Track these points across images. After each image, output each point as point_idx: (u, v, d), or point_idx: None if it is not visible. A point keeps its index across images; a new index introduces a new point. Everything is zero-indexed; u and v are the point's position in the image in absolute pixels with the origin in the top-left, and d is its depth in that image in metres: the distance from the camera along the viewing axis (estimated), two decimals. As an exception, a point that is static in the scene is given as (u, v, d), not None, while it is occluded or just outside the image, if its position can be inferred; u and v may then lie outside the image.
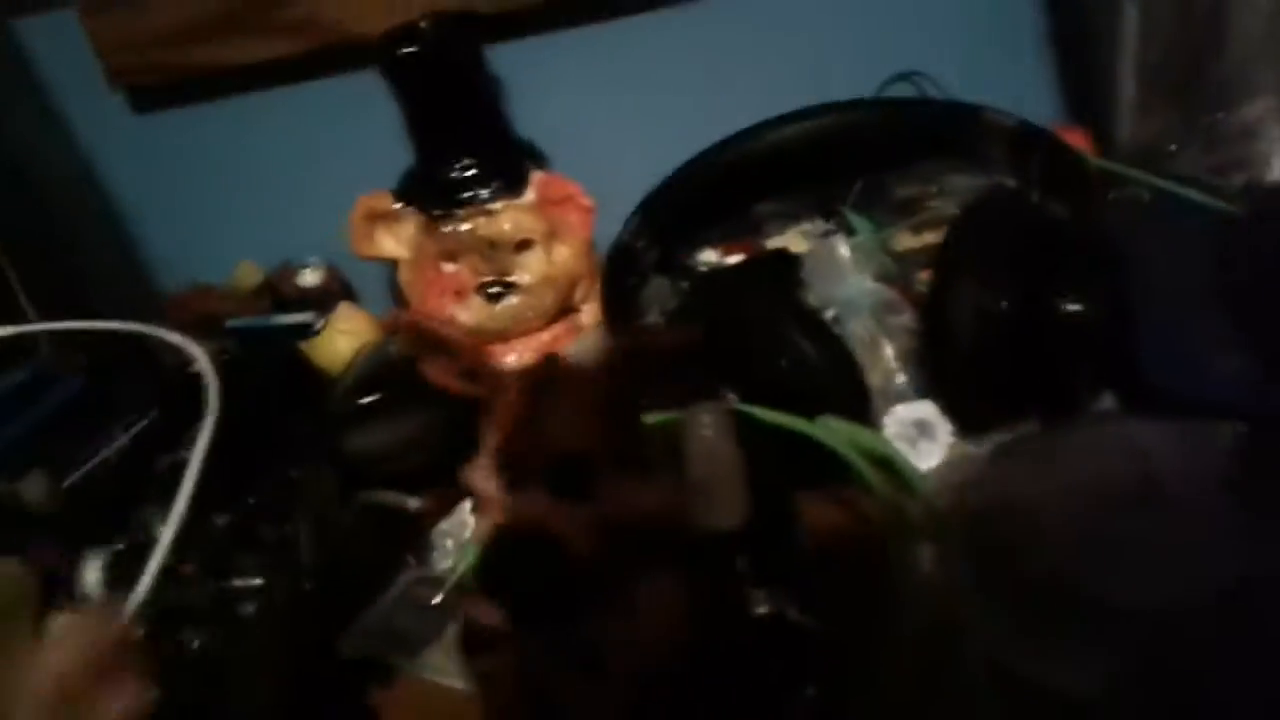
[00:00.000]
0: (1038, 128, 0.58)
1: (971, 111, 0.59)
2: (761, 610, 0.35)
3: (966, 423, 0.48)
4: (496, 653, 0.33)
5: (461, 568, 0.48)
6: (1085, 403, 0.48)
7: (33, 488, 0.57)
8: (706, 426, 0.41)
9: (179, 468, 0.40)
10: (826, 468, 0.47)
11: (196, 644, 0.37)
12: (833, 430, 0.45)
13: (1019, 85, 0.71)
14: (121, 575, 0.37)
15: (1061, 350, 0.46)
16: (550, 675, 0.31)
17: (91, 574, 0.38)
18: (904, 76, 0.72)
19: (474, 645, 0.34)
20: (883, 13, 0.74)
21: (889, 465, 0.45)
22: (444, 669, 0.45)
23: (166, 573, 0.36)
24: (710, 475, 0.39)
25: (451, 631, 0.47)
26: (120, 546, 0.38)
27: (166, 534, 0.37)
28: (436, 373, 0.54)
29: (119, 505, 0.45)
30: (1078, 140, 0.66)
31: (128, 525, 0.40)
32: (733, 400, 0.47)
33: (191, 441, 0.44)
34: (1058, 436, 0.43)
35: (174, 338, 0.50)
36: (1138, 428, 0.42)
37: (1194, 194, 0.58)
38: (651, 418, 0.46)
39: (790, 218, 0.71)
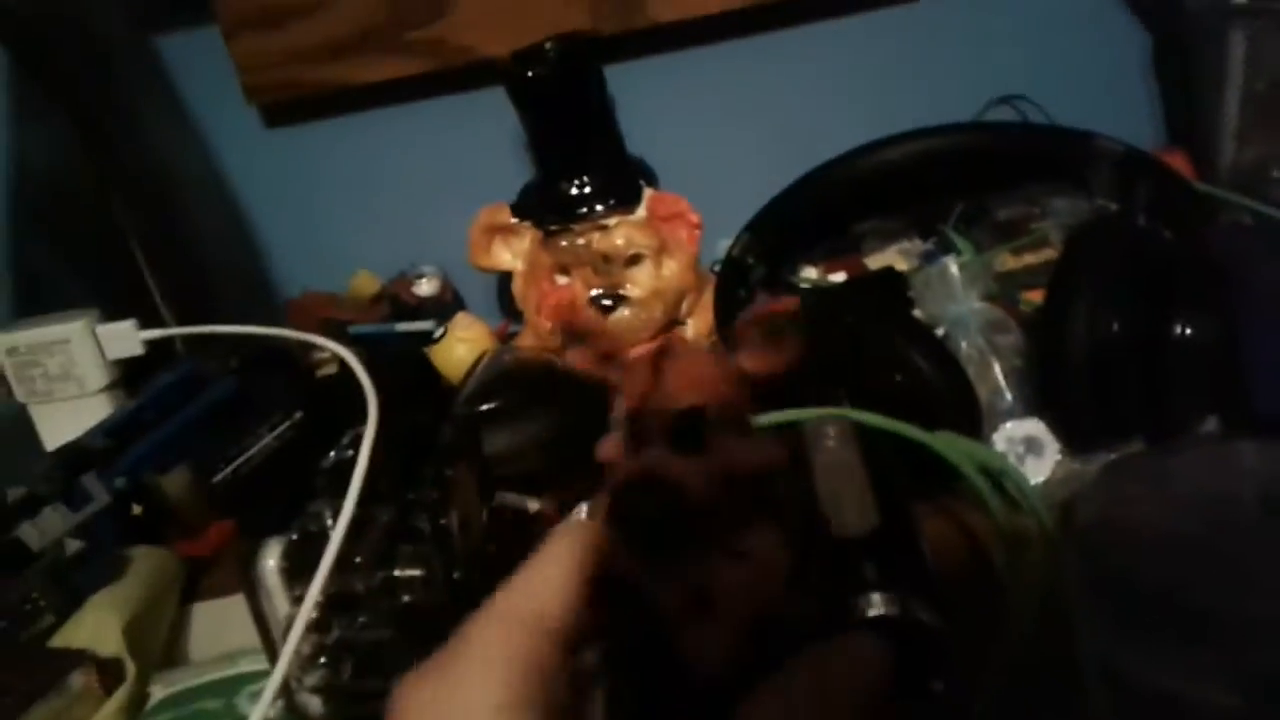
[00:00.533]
0: (1144, 153, 0.59)
1: (1080, 137, 0.60)
2: (887, 611, 0.38)
3: (1074, 441, 0.50)
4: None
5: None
6: (1192, 425, 0.49)
7: (175, 482, 0.61)
8: (831, 438, 0.43)
9: (343, 465, 0.43)
10: (939, 480, 0.49)
11: (365, 629, 0.40)
12: (949, 443, 0.47)
13: (1119, 110, 0.72)
14: (298, 563, 0.40)
15: (1171, 372, 0.48)
16: (663, 612, 0.33)
17: (270, 560, 0.42)
18: (1007, 100, 0.74)
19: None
20: (987, 38, 0.76)
21: (1002, 479, 0.47)
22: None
23: (339, 562, 0.40)
24: (837, 485, 0.42)
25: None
26: (294, 536, 0.41)
27: (340, 526, 0.40)
28: (578, 359, 0.57)
29: (275, 500, 0.48)
30: (1179, 164, 0.67)
31: (290, 519, 0.43)
32: (847, 404, 0.50)
33: (344, 440, 0.47)
34: (1169, 454, 0.44)
35: (326, 343, 0.53)
36: (1249, 447, 0.44)
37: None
38: (766, 418, 0.49)
39: (890, 237, 0.74)
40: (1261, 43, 0.63)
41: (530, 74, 0.68)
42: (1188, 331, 0.47)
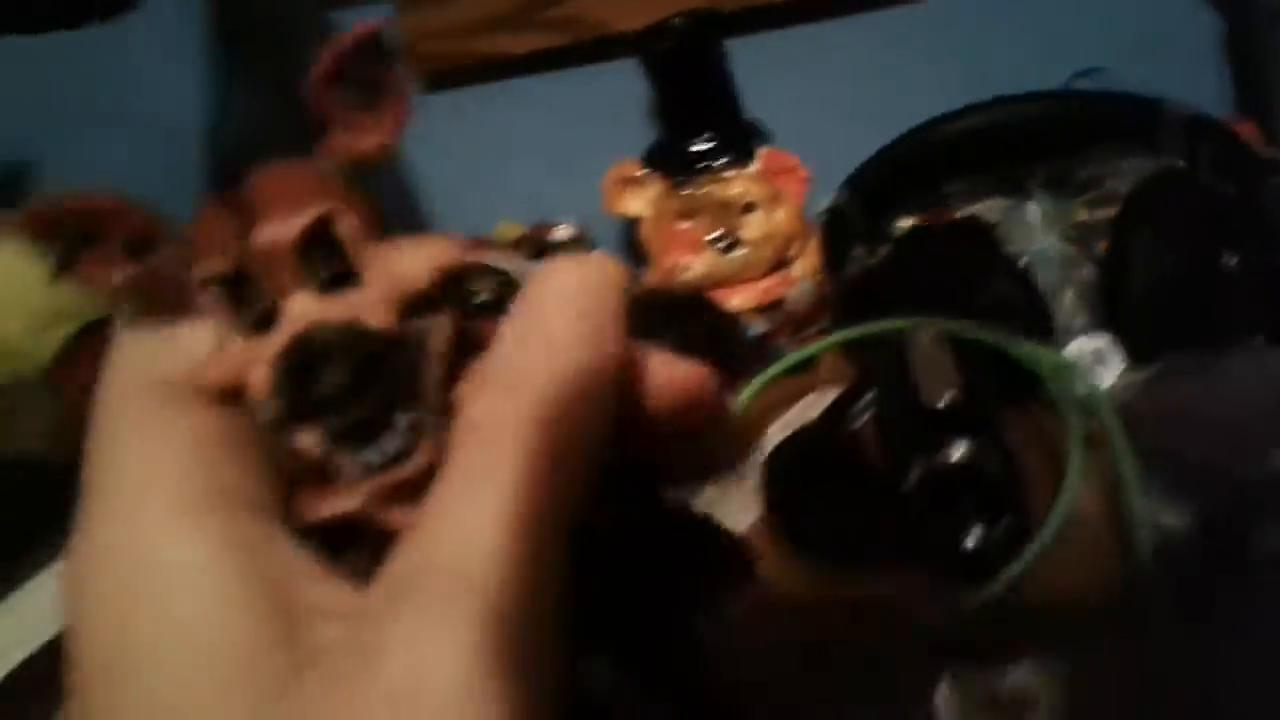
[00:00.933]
0: (1210, 117, 0.67)
1: (1150, 103, 0.69)
2: (963, 456, 0.47)
3: (1135, 354, 0.58)
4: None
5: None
6: (1239, 342, 0.57)
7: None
8: (926, 335, 0.53)
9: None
10: (1020, 389, 0.58)
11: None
12: (1027, 350, 0.56)
13: (1194, 84, 0.80)
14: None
15: (1222, 297, 0.56)
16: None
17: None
18: (1087, 72, 0.82)
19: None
20: (1069, 16, 0.84)
21: (1071, 380, 0.56)
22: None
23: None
24: (928, 368, 0.52)
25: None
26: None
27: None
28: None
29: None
30: (1248, 131, 0.74)
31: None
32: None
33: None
34: (1218, 356, 0.53)
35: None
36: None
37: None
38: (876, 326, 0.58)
39: (978, 195, 0.82)
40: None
41: (659, 47, 0.78)
42: (1235, 259, 0.55)
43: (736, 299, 0.79)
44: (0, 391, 0.67)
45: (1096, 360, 0.59)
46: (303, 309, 0.19)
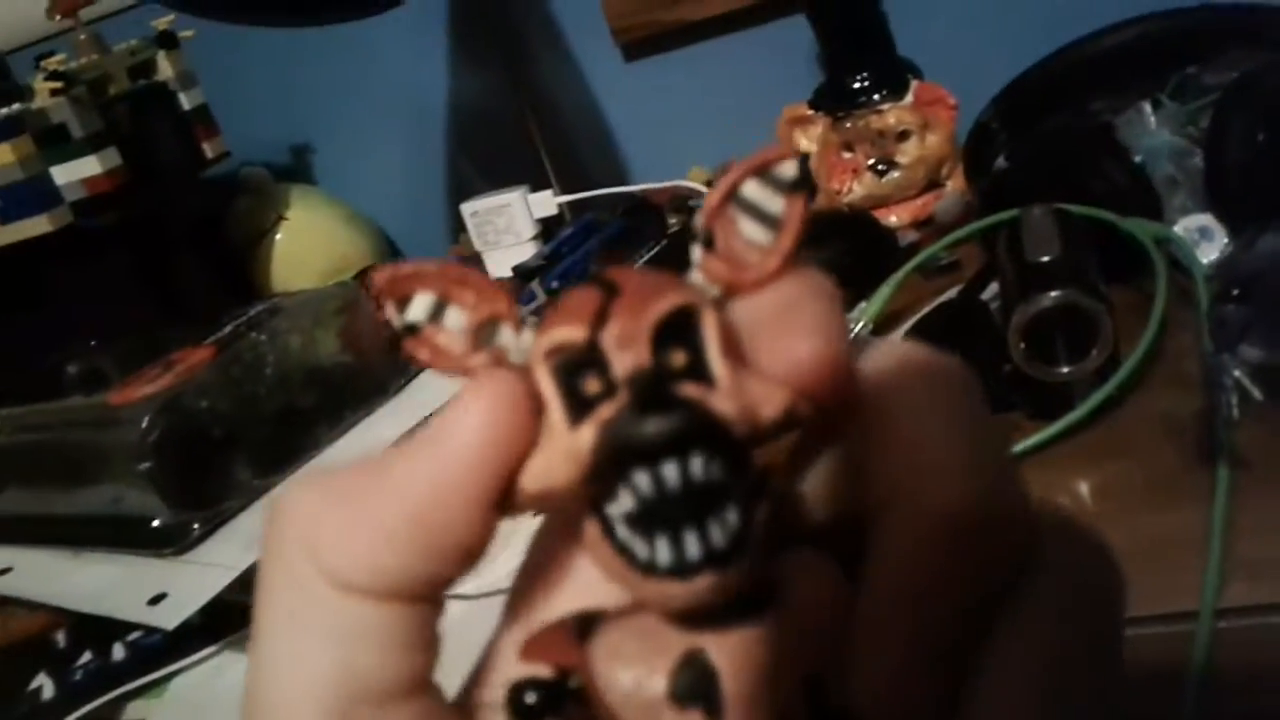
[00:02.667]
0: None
1: (1262, 11, 0.75)
2: (1060, 297, 0.57)
3: (1233, 227, 0.66)
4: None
5: (858, 329, 0.73)
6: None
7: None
8: (1037, 212, 0.64)
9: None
10: (1126, 259, 0.67)
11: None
12: (1134, 224, 0.65)
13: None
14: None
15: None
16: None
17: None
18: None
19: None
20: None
21: (1172, 247, 0.64)
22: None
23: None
24: (1036, 234, 0.62)
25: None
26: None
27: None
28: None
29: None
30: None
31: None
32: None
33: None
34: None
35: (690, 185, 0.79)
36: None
37: None
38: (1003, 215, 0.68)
39: (1120, 107, 0.90)
40: None
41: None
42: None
43: (894, 216, 0.90)
44: (308, 309, 0.87)
45: (1203, 236, 0.68)
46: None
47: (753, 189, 0.17)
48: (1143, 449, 0.54)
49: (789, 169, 0.18)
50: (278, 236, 1.11)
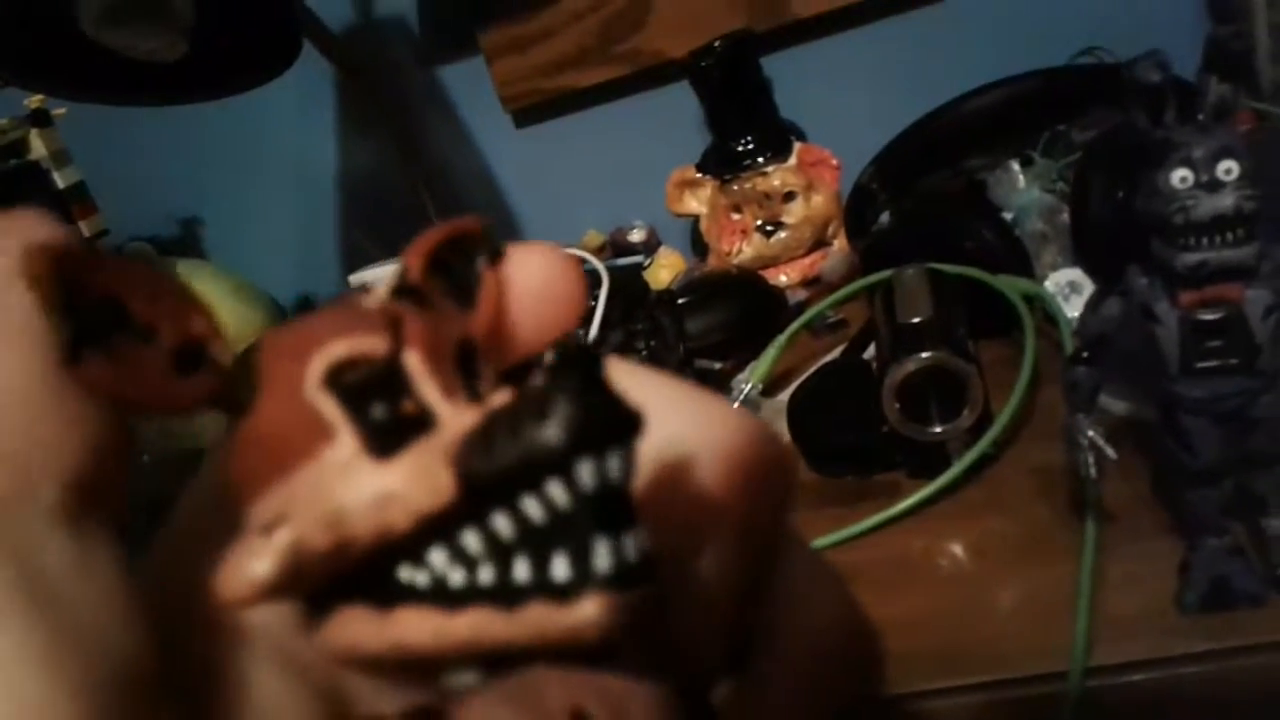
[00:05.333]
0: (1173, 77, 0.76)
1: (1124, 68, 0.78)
2: (929, 359, 0.58)
3: (1098, 279, 0.68)
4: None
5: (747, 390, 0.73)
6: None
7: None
8: (909, 273, 0.65)
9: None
10: (1004, 320, 0.68)
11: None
12: (1004, 282, 0.67)
13: (1182, 49, 0.88)
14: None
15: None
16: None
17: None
18: (1088, 50, 0.92)
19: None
20: (1071, 2, 0.94)
21: (1039, 303, 0.66)
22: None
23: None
24: (908, 296, 0.63)
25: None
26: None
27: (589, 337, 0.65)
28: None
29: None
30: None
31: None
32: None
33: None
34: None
35: (591, 260, 0.79)
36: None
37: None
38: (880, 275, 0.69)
39: (994, 165, 0.92)
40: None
41: (704, 66, 0.92)
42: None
43: (783, 275, 0.91)
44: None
45: (1073, 290, 0.69)
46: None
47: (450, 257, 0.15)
48: (1018, 505, 0.55)
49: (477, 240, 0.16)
50: (164, 313, 1.07)
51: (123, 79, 0.84)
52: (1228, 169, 0.38)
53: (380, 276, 0.92)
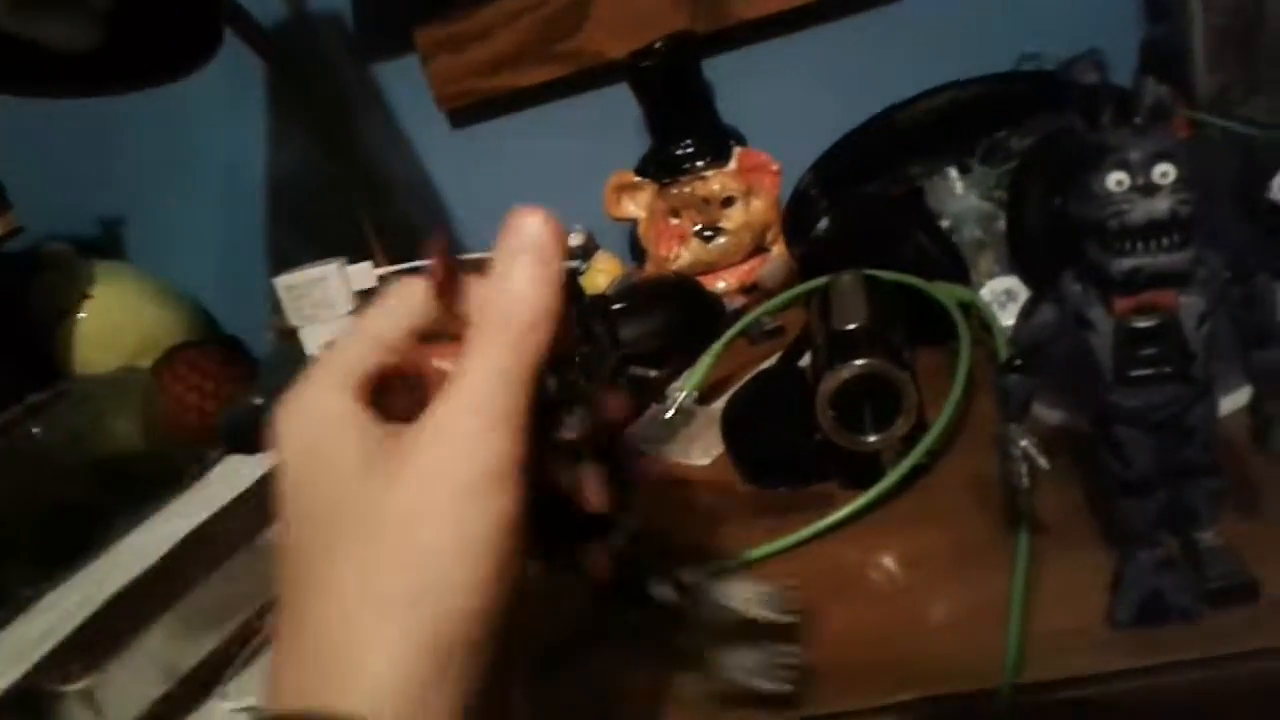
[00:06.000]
0: (1099, 85, 0.76)
1: (1053, 75, 0.78)
2: (864, 366, 0.56)
3: (1035, 287, 0.67)
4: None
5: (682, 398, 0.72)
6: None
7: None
8: (846, 279, 0.63)
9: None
10: (941, 327, 0.67)
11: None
12: (940, 289, 0.66)
13: (1120, 55, 0.88)
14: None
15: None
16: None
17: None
18: (1028, 57, 0.92)
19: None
20: (1012, 8, 0.94)
21: (974, 310, 0.65)
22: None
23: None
24: (843, 302, 0.62)
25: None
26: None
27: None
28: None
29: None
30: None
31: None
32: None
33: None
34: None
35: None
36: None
37: (1252, 130, 0.75)
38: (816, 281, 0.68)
39: (935, 170, 0.92)
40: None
41: (644, 67, 0.90)
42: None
43: (721, 281, 0.90)
44: (99, 395, 0.81)
45: (1009, 298, 0.69)
46: None
47: None
48: (951, 516, 0.54)
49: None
50: (82, 315, 1.03)
51: (34, 69, 0.80)
52: (1164, 172, 0.37)
53: (309, 279, 0.89)
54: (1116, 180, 0.38)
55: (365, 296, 0.90)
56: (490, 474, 0.30)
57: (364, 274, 0.88)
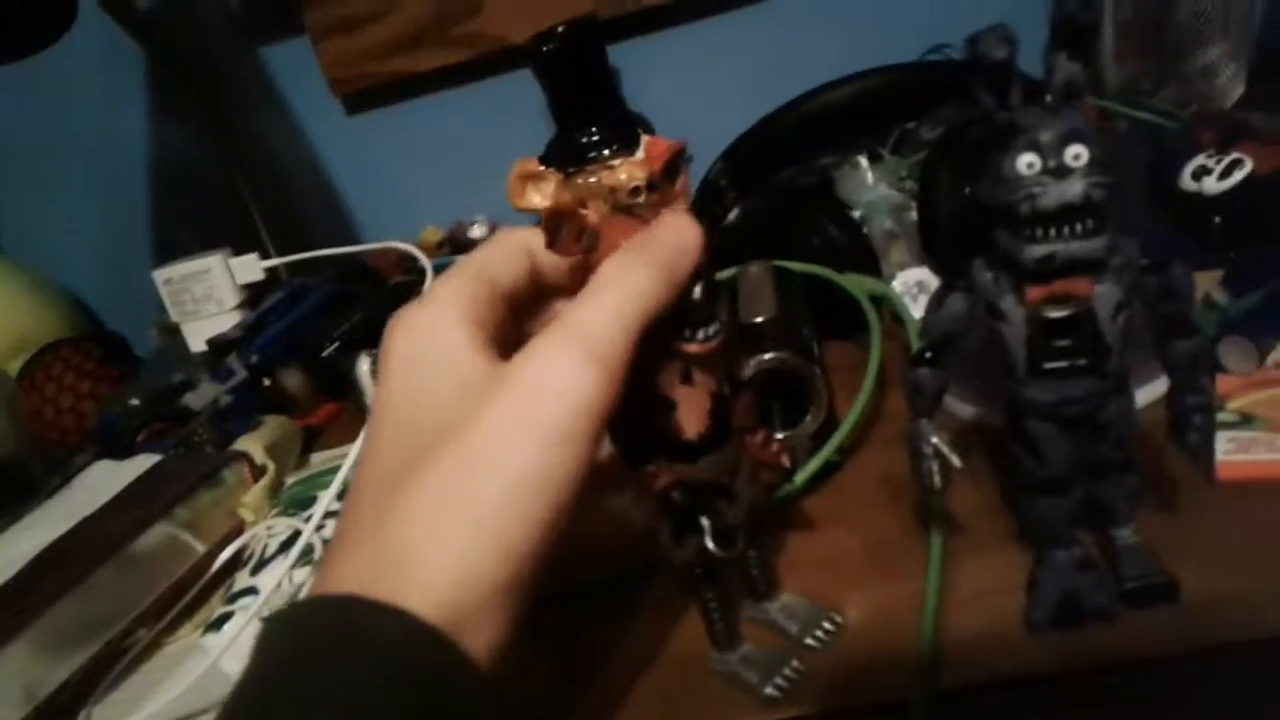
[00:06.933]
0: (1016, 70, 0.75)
1: (959, 66, 0.77)
2: (772, 359, 0.54)
3: (945, 278, 0.66)
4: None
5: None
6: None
7: (292, 376, 0.80)
8: (754, 270, 0.61)
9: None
10: (851, 318, 0.65)
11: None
12: (850, 280, 0.64)
13: (1031, 47, 0.88)
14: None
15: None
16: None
17: (363, 365, 0.60)
18: (939, 48, 0.91)
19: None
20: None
21: (884, 303, 0.63)
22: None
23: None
24: (751, 294, 0.59)
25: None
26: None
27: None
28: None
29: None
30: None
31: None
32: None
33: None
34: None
35: (423, 258, 0.73)
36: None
37: (1161, 121, 0.75)
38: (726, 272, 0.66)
39: (845, 160, 0.90)
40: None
41: (546, 51, 0.87)
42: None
43: (629, 273, 0.87)
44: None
45: (920, 289, 0.67)
46: None
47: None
48: (863, 516, 0.51)
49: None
50: (-54, 311, 0.96)
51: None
52: (1076, 154, 0.35)
53: (191, 272, 0.84)
54: (1027, 163, 0.36)
55: (251, 290, 0.85)
56: (576, 416, 0.31)
57: (250, 266, 0.84)
